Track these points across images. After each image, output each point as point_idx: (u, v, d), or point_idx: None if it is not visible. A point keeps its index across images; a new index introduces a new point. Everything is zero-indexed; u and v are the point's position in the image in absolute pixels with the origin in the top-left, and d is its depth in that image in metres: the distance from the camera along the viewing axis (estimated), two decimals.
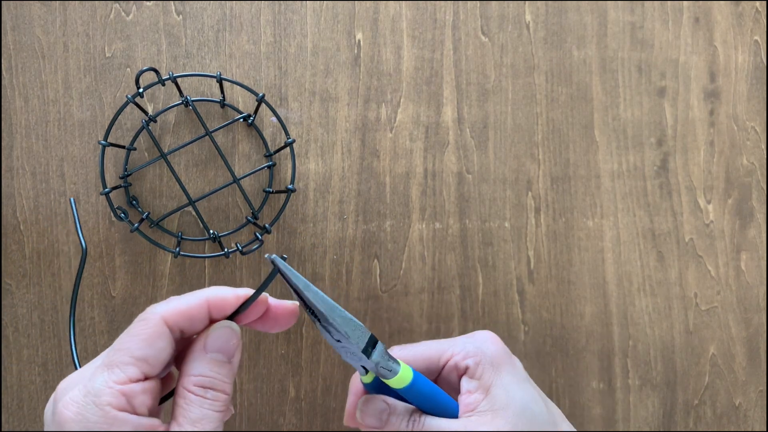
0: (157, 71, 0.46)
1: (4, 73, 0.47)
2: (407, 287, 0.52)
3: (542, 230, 0.54)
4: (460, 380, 0.37)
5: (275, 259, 0.32)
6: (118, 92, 0.48)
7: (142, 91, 0.45)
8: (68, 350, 0.48)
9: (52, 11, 0.47)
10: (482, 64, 0.53)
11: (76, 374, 0.29)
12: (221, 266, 0.50)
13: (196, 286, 0.49)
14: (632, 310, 0.56)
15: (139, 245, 0.49)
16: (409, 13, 0.52)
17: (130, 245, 0.48)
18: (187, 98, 0.47)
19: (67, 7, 0.47)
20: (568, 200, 0.55)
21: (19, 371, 0.48)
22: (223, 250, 0.48)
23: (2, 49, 0.47)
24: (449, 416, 0.35)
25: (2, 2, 0.47)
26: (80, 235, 0.43)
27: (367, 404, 0.36)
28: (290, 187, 0.48)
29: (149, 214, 0.48)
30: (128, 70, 0.48)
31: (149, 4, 0.48)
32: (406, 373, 0.34)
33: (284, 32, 0.50)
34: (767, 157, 0.58)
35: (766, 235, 0.58)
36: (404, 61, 0.52)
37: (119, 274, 0.48)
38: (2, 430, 0.48)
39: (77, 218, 0.44)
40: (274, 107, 0.49)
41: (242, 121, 0.49)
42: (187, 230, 0.49)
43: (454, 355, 0.37)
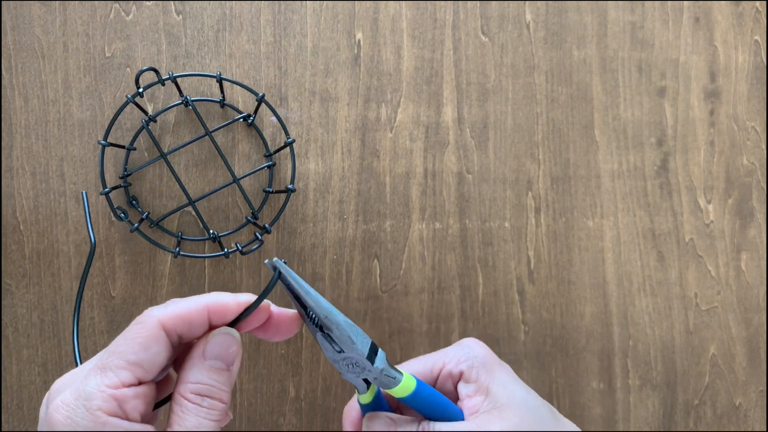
0: (156, 71, 0.46)
1: (3, 73, 0.47)
2: (407, 287, 0.52)
3: (542, 230, 0.54)
4: (456, 388, 0.37)
5: (277, 262, 0.31)
6: (118, 92, 0.48)
7: (141, 90, 0.45)
8: (68, 350, 0.48)
9: (51, 11, 0.47)
10: (482, 64, 0.53)
11: (69, 375, 0.29)
12: (221, 266, 0.50)
13: (196, 286, 0.49)
14: (632, 310, 0.56)
15: (139, 245, 0.49)
16: (409, 12, 0.52)
17: (129, 245, 0.48)
18: (186, 98, 0.47)
19: (66, 7, 0.47)
20: (568, 200, 0.55)
21: (18, 371, 0.48)
22: (223, 250, 0.48)
23: (2, 49, 0.47)
24: (455, 420, 0.35)
25: (2, 2, 0.47)
26: (90, 229, 0.43)
27: (372, 420, 0.36)
28: (290, 187, 0.48)
29: (149, 214, 0.48)
30: (128, 69, 0.48)
31: (149, 3, 0.48)
32: (409, 380, 0.34)
33: (284, 32, 0.50)
34: (767, 157, 0.58)
35: (766, 235, 0.58)
36: (404, 61, 0.52)
37: (119, 274, 0.48)
38: (2, 430, 0.48)
39: (88, 212, 0.44)
40: (274, 107, 0.49)
41: (242, 121, 0.49)
42: (187, 230, 0.49)
43: (446, 363, 0.37)
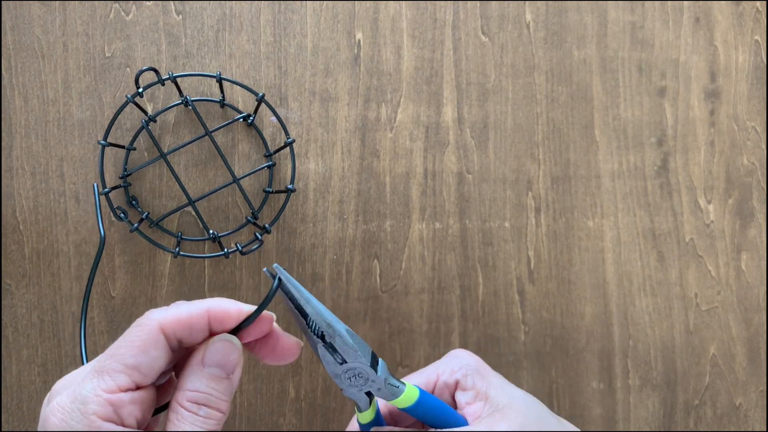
0: (156, 71, 0.46)
1: (3, 72, 0.47)
2: (407, 287, 0.52)
3: (542, 230, 0.54)
4: (453, 398, 0.37)
5: (277, 269, 0.31)
6: (117, 92, 0.48)
7: (141, 90, 0.45)
8: (68, 350, 0.48)
9: (51, 11, 0.47)
10: (482, 63, 0.53)
11: (70, 376, 0.28)
12: (221, 266, 0.50)
13: (195, 286, 0.49)
14: (632, 310, 0.56)
15: (138, 245, 0.49)
16: (409, 12, 0.52)
17: (129, 245, 0.48)
18: (186, 98, 0.47)
19: (66, 7, 0.47)
20: (568, 200, 0.55)
21: (18, 371, 0.48)
22: (222, 250, 0.48)
23: (2, 49, 0.47)
24: (460, 427, 0.35)
25: (2, 2, 0.46)
26: (100, 222, 0.44)
27: None
28: (290, 187, 0.48)
29: (149, 214, 0.48)
30: (128, 69, 0.48)
31: (149, 3, 0.48)
32: (411, 389, 0.34)
33: (284, 32, 0.50)
34: (767, 157, 0.58)
35: (766, 235, 0.58)
36: (404, 60, 0.52)
37: (119, 274, 0.48)
38: (2, 430, 0.48)
39: (98, 205, 0.44)
40: (274, 107, 0.49)
41: (242, 121, 0.49)
42: (186, 230, 0.49)
43: (440, 375, 0.37)
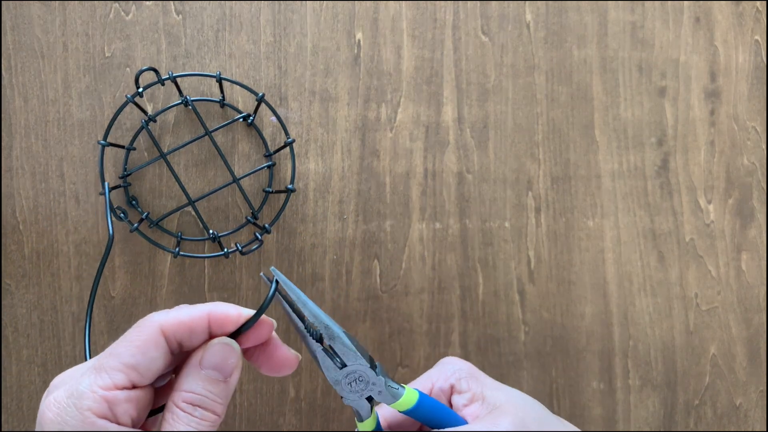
0: (156, 71, 0.46)
1: (3, 72, 0.47)
2: (407, 287, 0.52)
3: (542, 230, 0.54)
4: (450, 403, 0.38)
5: (274, 272, 0.32)
6: (117, 92, 0.48)
7: (141, 90, 0.45)
8: (67, 350, 0.48)
9: (51, 11, 0.47)
10: (482, 63, 0.53)
11: (69, 371, 0.28)
12: (221, 266, 0.50)
13: (195, 286, 0.49)
14: (633, 310, 0.56)
15: (138, 245, 0.49)
16: (409, 12, 0.52)
17: (129, 245, 0.48)
18: (186, 98, 0.47)
19: (66, 6, 0.47)
20: (568, 200, 0.55)
21: (18, 371, 0.48)
22: (222, 250, 0.48)
23: (2, 48, 0.47)
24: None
25: (2, 2, 0.46)
26: (109, 220, 0.44)
27: None
28: (290, 187, 0.48)
29: (149, 214, 0.48)
30: (128, 69, 0.48)
31: (149, 3, 0.48)
32: (411, 391, 0.34)
33: (284, 32, 0.50)
34: (767, 157, 0.58)
35: (766, 235, 0.58)
36: (404, 60, 0.52)
37: (119, 274, 0.48)
38: (2, 430, 0.48)
39: (108, 203, 0.44)
40: (273, 107, 0.49)
41: (242, 120, 0.49)
42: (186, 230, 0.49)
43: (434, 383, 0.38)
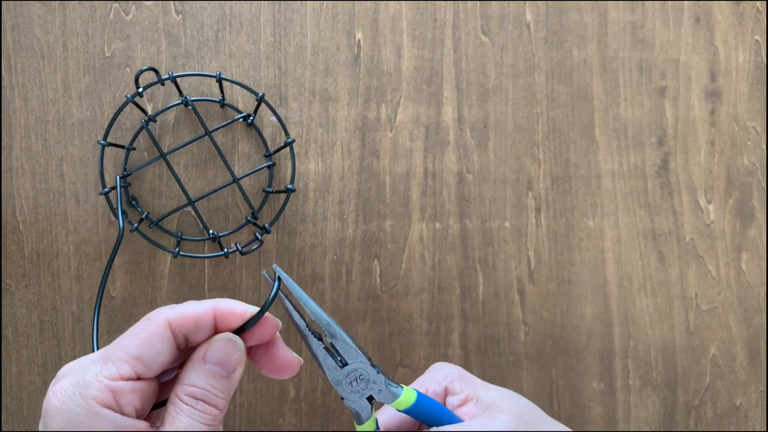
0: (156, 71, 0.46)
1: (3, 72, 0.47)
2: (407, 287, 0.52)
3: (543, 230, 0.54)
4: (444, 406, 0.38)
5: (277, 269, 0.32)
6: (117, 92, 0.48)
7: (141, 90, 0.45)
8: (67, 351, 0.48)
9: (51, 11, 0.47)
10: (482, 63, 0.53)
11: (77, 361, 0.29)
12: (221, 266, 0.50)
13: (195, 286, 0.49)
14: (633, 310, 0.56)
15: (138, 245, 0.48)
16: (409, 12, 0.52)
17: (129, 245, 0.48)
18: (186, 98, 0.47)
19: (66, 6, 0.47)
20: (568, 200, 0.55)
21: (18, 372, 0.48)
22: (222, 250, 0.48)
23: (2, 48, 0.47)
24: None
25: (2, 2, 0.46)
26: (120, 215, 0.44)
27: None
28: (290, 187, 0.48)
29: (149, 214, 0.48)
30: (128, 69, 0.48)
31: (149, 3, 0.48)
32: (410, 391, 0.35)
33: (284, 32, 0.50)
34: (767, 157, 0.58)
35: (766, 235, 0.58)
36: (404, 60, 0.52)
37: (119, 274, 0.48)
38: (2, 430, 0.48)
39: (120, 197, 0.45)
40: (273, 107, 0.49)
41: (242, 120, 0.49)
42: (186, 230, 0.49)
43: (428, 387, 0.38)
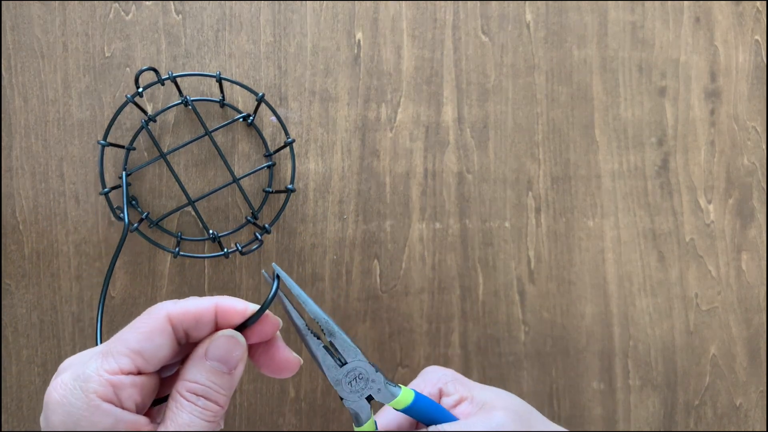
0: (156, 71, 0.46)
1: (3, 72, 0.47)
2: (407, 287, 0.52)
3: (543, 230, 0.54)
4: None
5: (276, 268, 0.32)
6: (117, 92, 0.48)
7: (141, 90, 0.45)
8: (67, 351, 0.48)
9: (51, 11, 0.47)
10: (482, 63, 0.53)
11: (78, 355, 0.29)
12: (221, 266, 0.50)
13: (195, 286, 0.49)
14: (633, 310, 0.56)
15: (138, 245, 0.48)
16: (409, 12, 0.52)
17: (129, 245, 0.48)
18: (186, 98, 0.47)
19: (66, 6, 0.47)
20: (568, 200, 0.55)
21: (18, 372, 0.48)
22: (222, 250, 0.48)
23: (2, 48, 0.47)
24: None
25: (2, 2, 0.46)
26: (125, 211, 0.44)
27: None
28: (290, 187, 0.48)
29: (149, 214, 0.48)
30: (128, 69, 0.48)
31: (149, 3, 0.48)
32: (407, 391, 0.35)
33: (284, 32, 0.50)
34: (767, 157, 0.58)
35: (766, 235, 0.58)
36: (404, 60, 0.52)
37: (118, 274, 0.48)
38: (2, 430, 0.48)
39: (126, 193, 0.45)
40: (273, 107, 0.49)
41: (242, 120, 0.49)
42: (186, 230, 0.49)
43: (422, 390, 0.38)
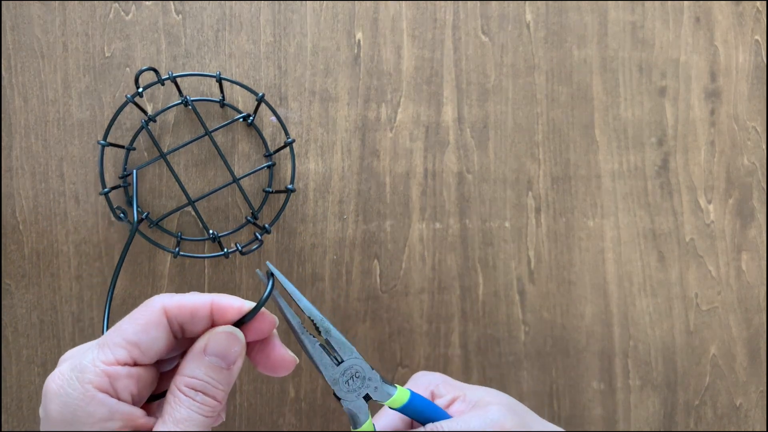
0: (156, 71, 0.46)
1: (3, 72, 0.47)
2: (407, 287, 0.52)
3: (543, 230, 0.54)
4: None
5: (270, 267, 0.32)
6: (117, 92, 0.48)
7: (141, 90, 0.45)
8: (67, 350, 0.48)
9: (51, 11, 0.47)
10: (482, 63, 0.53)
11: (77, 348, 0.29)
12: (221, 266, 0.50)
13: (195, 286, 0.49)
14: (633, 310, 0.56)
15: (138, 245, 0.48)
16: (409, 12, 0.52)
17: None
18: (186, 98, 0.47)
19: (66, 6, 0.47)
20: (568, 200, 0.55)
21: (18, 372, 0.48)
22: (222, 250, 0.48)
23: (2, 48, 0.47)
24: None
25: (2, 2, 0.46)
26: (135, 207, 0.45)
27: None
28: (290, 187, 0.48)
29: (149, 214, 0.48)
30: (128, 69, 0.48)
31: (149, 3, 0.48)
32: (403, 390, 0.35)
33: (284, 32, 0.50)
34: (767, 157, 0.58)
35: (766, 235, 0.58)
36: (404, 60, 0.52)
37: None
38: (2, 430, 0.48)
39: (135, 188, 0.45)
40: (273, 107, 0.49)
41: (242, 120, 0.49)
42: (186, 230, 0.49)
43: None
